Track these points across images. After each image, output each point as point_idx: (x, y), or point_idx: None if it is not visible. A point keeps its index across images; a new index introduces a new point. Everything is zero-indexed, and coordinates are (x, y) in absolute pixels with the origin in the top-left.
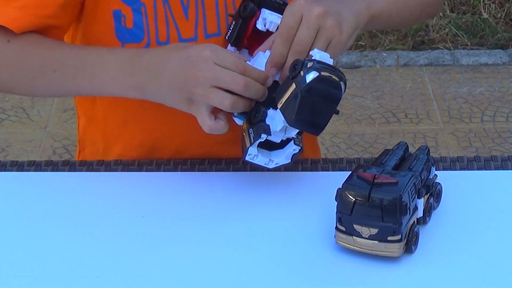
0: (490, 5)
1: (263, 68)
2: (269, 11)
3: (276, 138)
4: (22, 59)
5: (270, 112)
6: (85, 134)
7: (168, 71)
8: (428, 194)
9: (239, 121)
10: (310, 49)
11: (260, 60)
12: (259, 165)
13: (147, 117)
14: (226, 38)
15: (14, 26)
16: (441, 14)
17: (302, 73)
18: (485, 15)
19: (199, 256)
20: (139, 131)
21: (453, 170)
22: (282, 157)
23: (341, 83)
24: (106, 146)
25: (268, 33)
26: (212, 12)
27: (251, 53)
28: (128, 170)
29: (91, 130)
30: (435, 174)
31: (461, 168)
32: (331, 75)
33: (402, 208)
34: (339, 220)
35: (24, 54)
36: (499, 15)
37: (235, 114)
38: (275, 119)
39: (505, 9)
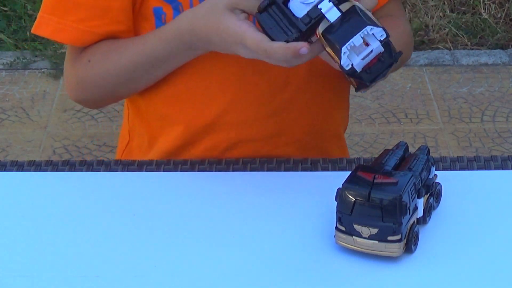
0: (490, 5)
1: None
2: None
3: None
4: (104, 72)
5: None
6: (134, 125)
7: (215, 40)
8: (428, 194)
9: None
10: None
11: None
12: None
13: (185, 110)
14: None
15: (79, 43)
16: (441, 14)
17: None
18: (485, 15)
19: (199, 256)
20: (177, 124)
21: (453, 170)
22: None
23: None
24: (151, 138)
25: None
26: None
27: None
28: (128, 170)
29: (137, 122)
30: (435, 174)
31: (461, 168)
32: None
33: (402, 208)
34: (339, 220)
35: (103, 67)
36: (499, 15)
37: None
38: None
39: (505, 9)
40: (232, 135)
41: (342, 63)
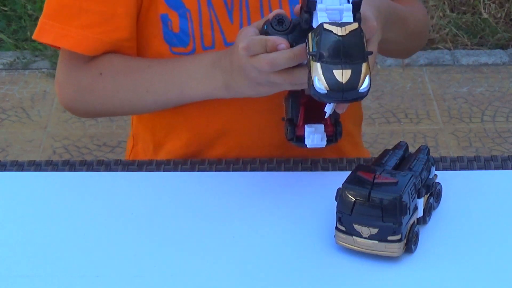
0: (490, 5)
1: None
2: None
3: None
4: (117, 89)
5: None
6: (137, 130)
7: (235, 69)
8: (428, 194)
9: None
10: None
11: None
12: None
13: (192, 121)
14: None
15: (83, 49)
16: (441, 14)
17: None
18: (485, 15)
19: (199, 256)
20: (185, 133)
21: (453, 170)
22: None
23: None
24: (156, 145)
25: None
26: (257, 15)
27: None
28: (128, 170)
29: (142, 127)
30: (435, 174)
31: (461, 168)
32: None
33: (402, 208)
34: (339, 220)
35: (117, 83)
36: (499, 15)
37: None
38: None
39: (505, 9)
40: (244, 141)
41: None
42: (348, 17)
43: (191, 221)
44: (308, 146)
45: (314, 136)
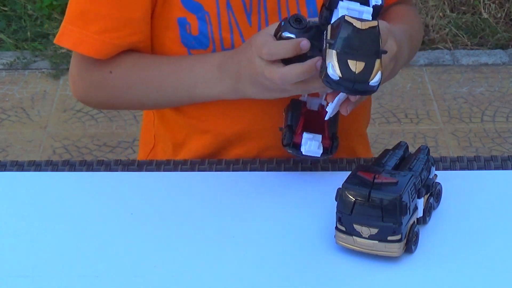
0: (490, 5)
1: None
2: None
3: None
4: (126, 87)
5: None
6: (159, 130)
7: (244, 76)
8: (428, 194)
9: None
10: None
11: None
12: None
13: (215, 121)
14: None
15: (100, 55)
16: (441, 14)
17: None
18: (485, 15)
19: (199, 256)
20: (207, 133)
21: (453, 170)
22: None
23: None
24: (176, 145)
25: None
26: (275, 17)
27: None
28: (128, 170)
29: (163, 128)
30: (435, 174)
31: (461, 168)
32: None
33: (402, 208)
34: (339, 220)
35: (127, 82)
36: (499, 15)
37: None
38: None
39: (505, 9)
40: (262, 143)
41: None
42: (367, 18)
43: (191, 221)
44: (303, 153)
45: (311, 143)
